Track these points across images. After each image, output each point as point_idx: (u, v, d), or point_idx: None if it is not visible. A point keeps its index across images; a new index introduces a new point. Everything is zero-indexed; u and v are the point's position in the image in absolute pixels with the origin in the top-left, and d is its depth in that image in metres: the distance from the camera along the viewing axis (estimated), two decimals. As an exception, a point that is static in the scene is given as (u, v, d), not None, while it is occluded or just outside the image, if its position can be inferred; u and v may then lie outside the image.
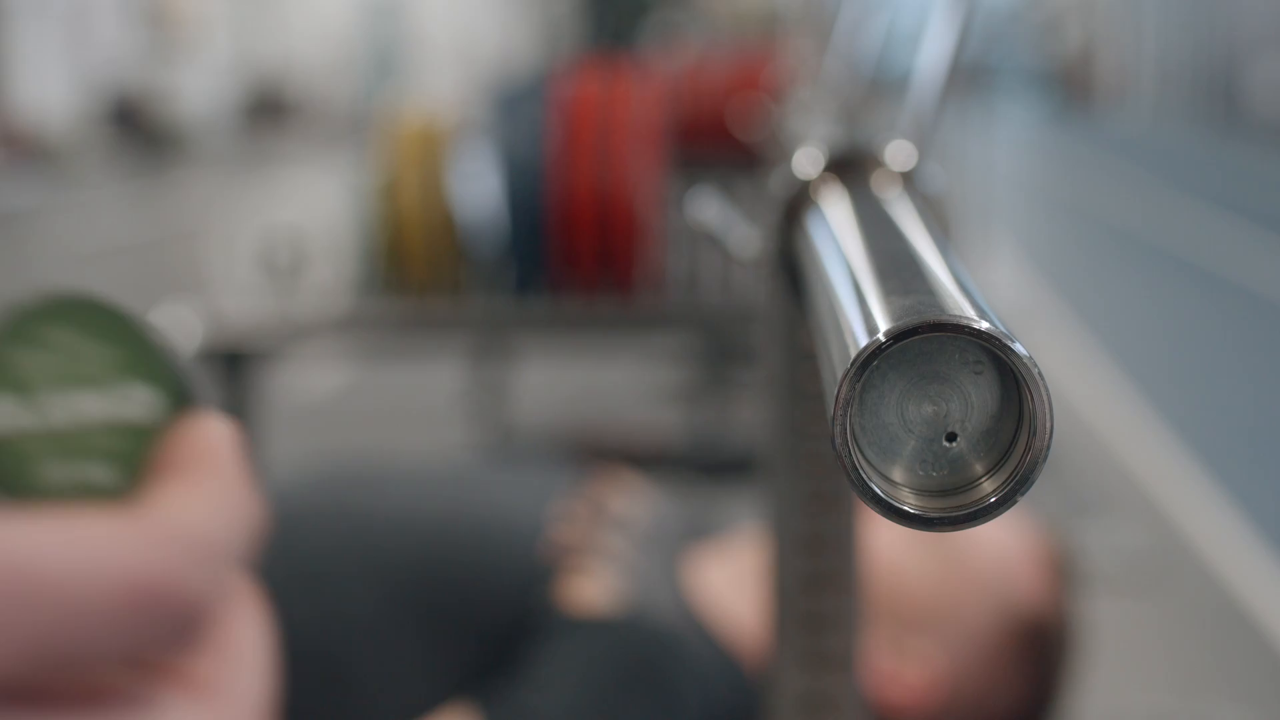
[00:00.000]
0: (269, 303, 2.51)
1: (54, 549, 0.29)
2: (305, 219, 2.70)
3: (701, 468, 3.00)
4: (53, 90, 15.26)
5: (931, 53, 0.76)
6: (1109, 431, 4.33)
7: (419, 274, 2.50)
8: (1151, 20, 24.29)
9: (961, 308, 0.43)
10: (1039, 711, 1.48)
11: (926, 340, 0.42)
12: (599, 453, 2.66)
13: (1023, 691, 1.46)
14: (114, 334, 0.33)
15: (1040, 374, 0.42)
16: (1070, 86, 27.50)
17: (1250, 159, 15.00)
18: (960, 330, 0.42)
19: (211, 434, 0.33)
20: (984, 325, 0.42)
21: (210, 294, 2.65)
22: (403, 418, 4.22)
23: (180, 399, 0.33)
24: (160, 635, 0.29)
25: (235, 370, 2.48)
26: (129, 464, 0.33)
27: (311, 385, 4.55)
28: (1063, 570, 1.51)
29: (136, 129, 15.93)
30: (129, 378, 0.33)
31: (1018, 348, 0.42)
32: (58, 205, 11.41)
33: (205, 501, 0.31)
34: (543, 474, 1.60)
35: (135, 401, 0.33)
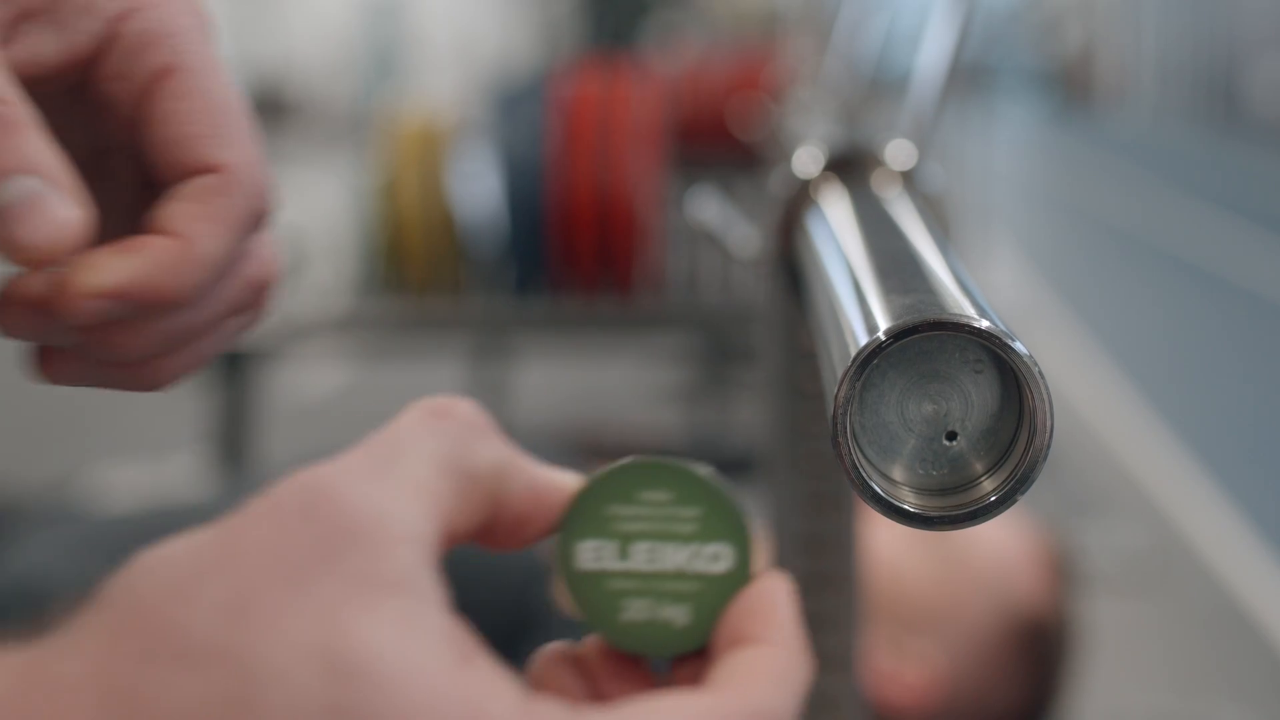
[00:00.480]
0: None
1: None
2: (305, 218, 2.70)
3: (701, 467, 3.00)
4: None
5: (932, 52, 0.77)
6: (1108, 431, 4.33)
7: (419, 274, 2.51)
8: (1152, 20, 24.29)
9: (962, 306, 0.43)
10: (1038, 711, 1.48)
11: (927, 339, 0.42)
12: (599, 452, 2.66)
13: (1022, 691, 1.46)
14: (699, 498, 0.39)
15: (1040, 373, 0.42)
16: (1070, 86, 27.49)
17: (1250, 159, 15.00)
18: (960, 329, 0.42)
19: (776, 595, 0.38)
20: (984, 324, 0.42)
21: (210, 294, 2.64)
22: (403, 417, 4.21)
23: (750, 556, 0.39)
24: None
25: (235, 369, 2.48)
26: (702, 609, 0.38)
27: (311, 385, 4.55)
28: (1062, 570, 1.51)
29: (136, 129, 15.93)
30: (709, 536, 0.38)
31: (1018, 346, 0.42)
32: (58, 205, 11.42)
33: (775, 677, 0.36)
34: (543, 473, 1.60)
35: (713, 556, 0.38)
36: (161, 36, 0.42)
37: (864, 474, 0.43)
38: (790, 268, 0.68)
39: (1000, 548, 1.46)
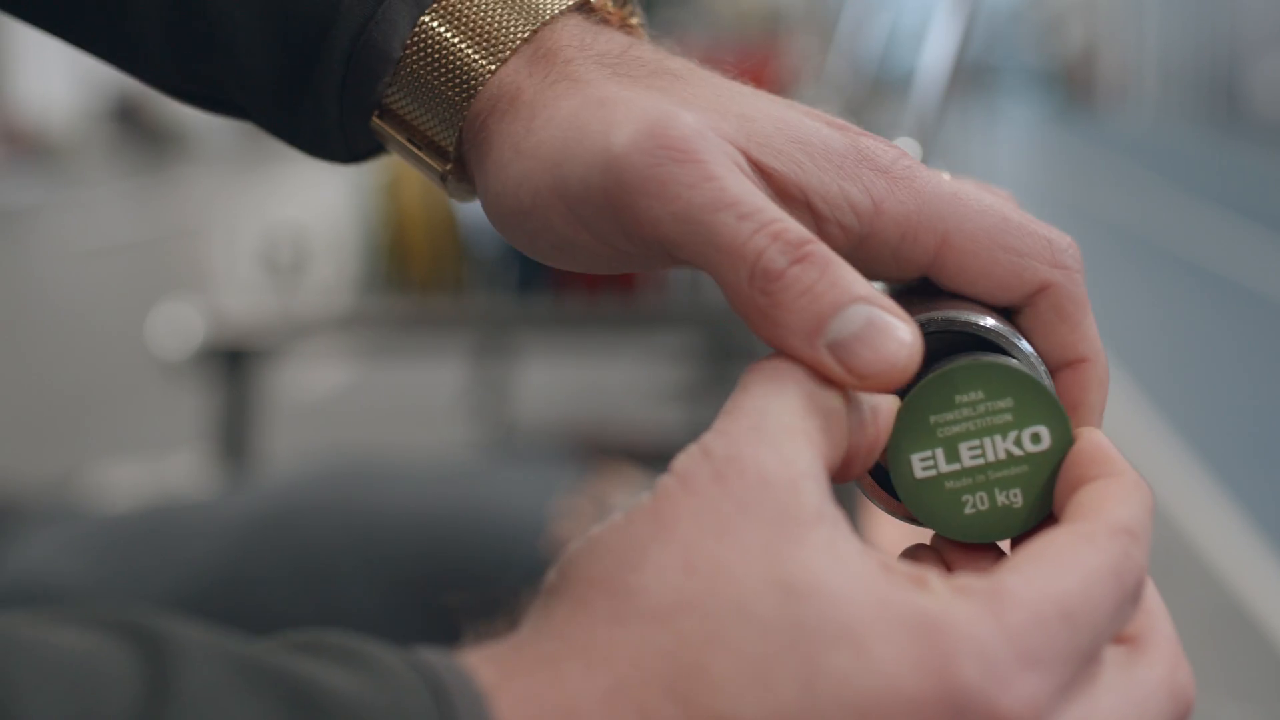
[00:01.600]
0: (271, 300, 2.51)
1: (1067, 580, 0.37)
2: (307, 216, 2.70)
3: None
4: (54, 88, 15.26)
5: (935, 51, 0.76)
6: (1110, 430, 4.32)
7: (421, 272, 2.50)
8: (1154, 20, 24.29)
9: (970, 307, 0.44)
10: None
11: (934, 338, 0.43)
12: (601, 450, 2.66)
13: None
14: (1008, 388, 0.41)
15: (1046, 371, 0.43)
16: (1072, 85, 27.49)
17: (1252, 158, 15.00)
18: (967, 327, 0.43)
19: (1098, 441, 0.42)
20: (990, 323, 0.43)
21: (212, 291, 2.65)
22: (405, 415, 4.22)
23: (1066, 427, 0.42)
24: (1131, 614, 0.39)
25: (237, 368, 2.48)
26: (1035, 487, 0.42)
27: (313, 383, 4.55)
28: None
29: (137, 126, 15.93)
30: (1026, 421, 0.42)
31: (1024, 345, 0.43)
32: (59, 203, 11.42)
33: (1125, 497, 0.40)
34: (545, 471, 1.60)
35: (1033, 438, 0.42)
36: (919, 224, 0.43)
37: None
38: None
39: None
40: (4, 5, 0.52)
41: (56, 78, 15.28)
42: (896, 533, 1.39)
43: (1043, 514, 0.42)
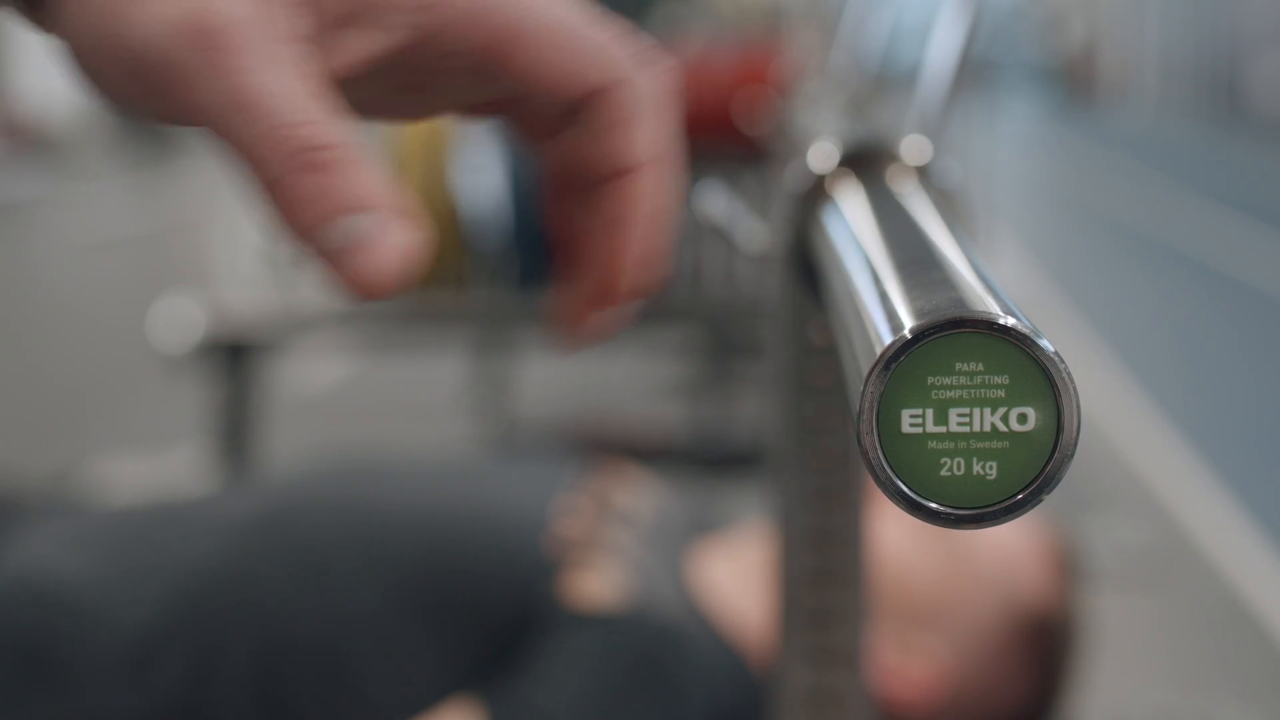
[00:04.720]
0: (271, 295, 2.51)
1: None
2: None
3: (705, 462, 3.00)
4: (55, 82, 15.25)
5: (941, 47, 0.76)
6: (1113, 427, 4.33)
7: (422, 267, 2.50)
8: (1154, 16, 24.28)
9: (986, 303, 0.43)
10: (1043, 707, 1.48)
11: (950, 336, 0.42)
12: (603, 447, 2.66)
13: (1027, 687, 1.45)
14: (1008, 366, 0.42)
15: (1067, 370, 0.43)
16: (1073, 82, 27.50)
17: (1253, 155, 14.99)
18: (981, 324, 0.42)
19: None
20: (1010, 321, 0.42)
21: (213, 286, 2.65)
22: (406, 411, 4.21)
23: (1053, 415, 0.42)
24: None
25: (238, 362, 2.48)
26: (1009, 464, 0.43)
27: (314, 378, 4.55)
28: (1068, 566, 1.50)
29: (139, 121, 15.90)
30: (1016, 401, 0.42)
31: (1044, 344, 0.42)
32: (60, 197, 11.42)
33: None
34: (547, 468, 1.59)
35: (1020, 418, 0.42)
36: (471, 19, 0.42)
37: (890, 472, 0.43)
38: (803, 263, 0.68)
39: (1006, 543, 1.46)
40: None
41: (58, 71, 15.25)
42: (897, 528, 1.39)
43: (1011, 492, 0.43)
